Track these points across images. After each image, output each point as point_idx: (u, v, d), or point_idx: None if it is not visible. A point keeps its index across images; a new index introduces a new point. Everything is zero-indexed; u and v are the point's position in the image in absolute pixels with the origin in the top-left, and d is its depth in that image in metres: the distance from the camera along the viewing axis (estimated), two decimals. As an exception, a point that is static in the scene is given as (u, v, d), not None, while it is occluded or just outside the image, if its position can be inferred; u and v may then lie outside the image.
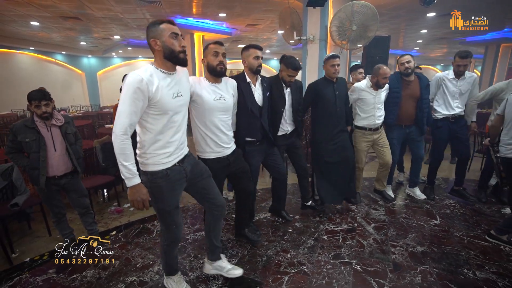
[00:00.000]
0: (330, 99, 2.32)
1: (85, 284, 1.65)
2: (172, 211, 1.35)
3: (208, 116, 1.59)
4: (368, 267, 1.78)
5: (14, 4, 4.92)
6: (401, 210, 2.61)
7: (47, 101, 1.77)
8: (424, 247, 1.99)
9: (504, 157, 1.98)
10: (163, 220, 1.38)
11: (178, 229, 1.41)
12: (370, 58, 4.16)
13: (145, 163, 1.28)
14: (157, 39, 1.22)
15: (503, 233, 1.99)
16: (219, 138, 1.64)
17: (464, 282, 1.64)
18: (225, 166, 1.71)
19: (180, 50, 1.24)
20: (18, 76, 8.96)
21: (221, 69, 1.58)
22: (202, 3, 5.23)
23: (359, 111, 2.57)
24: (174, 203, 1.35)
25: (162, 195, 1.30)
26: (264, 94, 1.92)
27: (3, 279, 1.70)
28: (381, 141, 2.59)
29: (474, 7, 4.79)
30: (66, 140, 1.88)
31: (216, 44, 1.58)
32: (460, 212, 2.54)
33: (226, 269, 1.63)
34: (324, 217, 2.45)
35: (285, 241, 2.09)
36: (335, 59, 2.26)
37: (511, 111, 1.94)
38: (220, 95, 1.61)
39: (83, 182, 2.62)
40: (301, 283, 1.64)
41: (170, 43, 1.22)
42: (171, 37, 1.22)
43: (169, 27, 1.22)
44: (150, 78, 1.19)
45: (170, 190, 1.32)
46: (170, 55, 1.23)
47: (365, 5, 3.51)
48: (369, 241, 2.09)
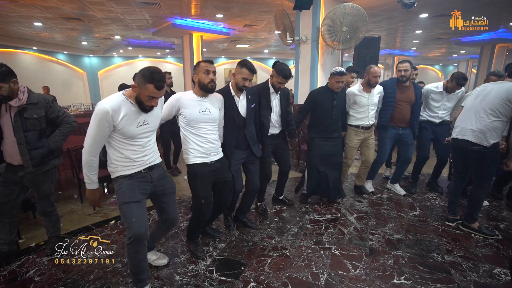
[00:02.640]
0: (328, 108, 2.46)
1: (86, 263, 1.80)
2: (132, 204, 1.37)
3: (195, 126, 1.69)
4: (346, 252, 1.93)
5: (18, 6, 5.10)
6: (384, 202, 2.76)
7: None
8: (400, 235, 2.14)
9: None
10: (123, 214, 1.40)
11: (138, 224, 1.36)
12: (360, 58, 4.31)
13: (112, 171, 1.43)
14: (138, 88, 1.32)
15: (472, 221, 2.13)
16: (206, 146, 1.72)
17: (432, 264, 1.79)
18: (212, 171, 1.77)
19: (149, 106, 1.36)
20: (21, 76, 9.03)
21: (212, 87, 1.68)
22: (200, 4, 5.39)
23: (353, 113, 2.71)
24: (133, 197, 1.39)
25: (123, 190, 1.40)
26: (249, 105, 1.96)
27: (12, 260, 1.86)
28: (369, 141, 2.76)
29: (468, 8, 4.90)
30: (24, 126, 1.59)
31: (207, 63, 1.68)
32: (440, 205, 2.68)
33: (152, 259, 1.75)
34: (310, 208, 2.61)
35: (271, 229, 2.24)
36: (342, 77, 2.37)
37: (469, 101, 2.10)
38: (205, 107, 1.71)
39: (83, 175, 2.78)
40: (282, 265, 1.79)
41: (144, 99, 1.33)
42: (148, 97, 1.33)
43: (153, 91, 1.30)
44: (116, 109, 1.31)
45: (131, 185, 1.41)
46: (139, 103, 1.35)
47: (354, 7, 3.66)
48: (349, 229, 2.24)
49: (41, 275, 1.70)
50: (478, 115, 1.96)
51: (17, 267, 1.79)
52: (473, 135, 1.97)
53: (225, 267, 1.76)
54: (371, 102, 2.62)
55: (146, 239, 1.41)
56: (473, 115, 1.99)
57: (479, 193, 2.09)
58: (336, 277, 1.68)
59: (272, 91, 2.21)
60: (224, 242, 2.05)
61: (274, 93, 2.22)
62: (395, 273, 1.71)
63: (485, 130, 1.91)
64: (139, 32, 7.83)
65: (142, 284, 1.48)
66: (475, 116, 1.98)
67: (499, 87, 1.93)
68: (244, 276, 1.68)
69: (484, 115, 1.93)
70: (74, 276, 1.68)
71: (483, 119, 1.93)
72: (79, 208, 2.76)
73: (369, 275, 1.69)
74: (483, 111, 1.94)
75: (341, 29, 3.73)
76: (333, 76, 2.40)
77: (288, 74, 2.10)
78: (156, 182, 1.51)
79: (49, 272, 1.73)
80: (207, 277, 1.67)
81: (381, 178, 3.36)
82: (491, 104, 1.90)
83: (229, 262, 1.82)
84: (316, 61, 4.20)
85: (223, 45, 10.46)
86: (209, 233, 2.11)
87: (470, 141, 1.99)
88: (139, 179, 1.44)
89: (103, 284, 1.62)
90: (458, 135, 2.07)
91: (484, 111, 1.93)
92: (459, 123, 2.10)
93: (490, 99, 1.92)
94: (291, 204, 2.65)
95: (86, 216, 2.58)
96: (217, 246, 2.00)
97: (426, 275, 1.68)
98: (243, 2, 5.10)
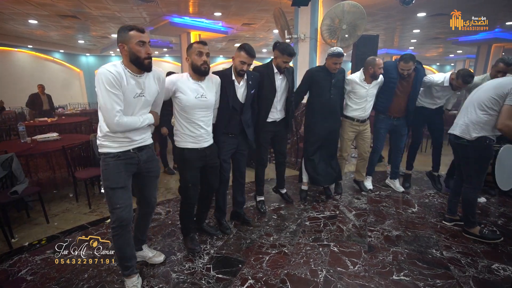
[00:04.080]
0: (326, 86, 2.41)
1: (80, 262, 1.77)
2: (117, 190, 1.36)
3: (189, 112, 1.65)
4: (345, 249, 1.92)
5: (12, 2, 5.02)
6: (382, 199, 2.75)
7: None
8: (399, 232, 2.13)
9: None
10: (108, 198, 1.39)
11: (123, 210, 1.37)
12: (359, 57, 4.30)
13: (102, 145, 1.37)
14: (125, 44, 1.31)
15: (471, 225, 2.04)
16: (198, 132, 1.69)
17: (431, 260, 1.78)
18: (202, 157, 1.75)
19: (145, 56, 1.32)
20: (16, 74, 9.05)
21: (205, 69, 1.63)
22: (198, 2, 5.35)
23: (350, 103, 2.66)
24: (119, 182, 1.37)
25: (108, 173, 1.36)
26: (249, 91, 1.94)
27: (3, 260, 1.82)
28: (364, 134, 2.73)
29: (465, 7, 4.92)
30: None
31: (199, 44, 1.61)
32: (438, 201, 2.68)
33: (148, 257, 1.73)
34: (308, 206, 2.59)
35: (269, 226, 2.22)
36: (339, 58, 2.33)
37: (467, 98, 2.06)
38: (202, 93, 1.66)
39: (79, 173, 2.75)
40: (280, 262, 1.77)
41: (136, 50, 1.30)
42: (138, 44, 1.30)
43: (137, 34, 1.30)
44: (119, 74, 1.29)
45: (116, 169, 1.37)
46: (136, 61, 1.32)
47: (354, 5, 3.65)
48: (348, 226, 2.22)
49: (34, 274, 1.66)
50: (467, 109, 1.96)
51: (9, 266, 1.74)
52: (459, 129, 1.97)
53: (223, 265, 1.74)
54: (370, 93, 2.59)
55: (130, 224, 1.44)
56: (464, 110, 1.99)
57: (468, 192, 1.99)
58: (335, 273, 1.66)
59: (276, 72, 2.17)
60: (222, 239, 2.02)
61: (278, 73, 2.18)
62: (394, 269, 1.69)
63: (469, 123, 1.91)
64: (136, 30, 7.76)
65: (128, 271, 1.47)
66: (465, 110, 1.97)
67: (492, 81, 1.92)
68: (242, 273, 1.66)
69: (472, 109, 1.91)
70: (67, 275, 1.65)
71: (471, 113, 1.92)
72: (75, 207, 2.72)
73: (368, 272, 1.67)
74: (472, 106, 1.93)
75: (340, 27, 3.73)
76: (331, 58, 2.35)
77: (292, 51, 2.08)
78: (142, 164, 1.47)
79: (41, 271, 1.69)
80: (204, 275, 1.65)
81: (379, 176, 3.35)
82: (479, 98, 1.89)
83: (226, 259, 1.79)
84: (314, 59, 4.20)
85: (221, 44, 10.42)
86: (206, 230, 2.08)
87: (455, 135, 1.99)
88: (126, 160, 1.40)
89: (98, 283, 1.58)
90: (450, 130, 2.07)
91: (473, 105, 1.92)
92: (455, 119, 2.09)
93: (480, 94, 1.91)
94: (291, 202, 2.63)
95: (81, 215, 2.54)
96: (214, 243, 1.97)
97: (425, 271, 1.67)
98: (241, 1, 5.08)
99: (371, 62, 2.50)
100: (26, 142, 3.10)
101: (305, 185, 2.74)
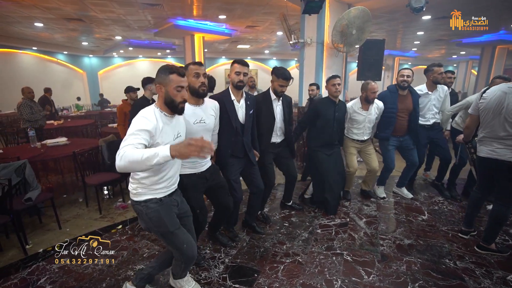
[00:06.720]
0: (329, 119, 2.47)
1: (97, 271, 1.79)
2: (176, 231, 1.35)
3: (188, 137, 1.57)
4: (358, 258, 1.93)
5: (19, 6, 5.04)
6: (392, 206, 2.76)
7: None
8: (411, 240, 2.14)
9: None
10: (171, 243, 1.37)
11: (190, 248, 1.39)
12: (365, 60, 4.30)
13: (139, 193, 1.32)
14: (163, 86, 1.29)
15: (492, 242, 1.98)
16: (195, 158, 1.55)
17: (445, 271, 1.78)
18: (203, 182, 1.69)
19: (181, 101, 1.31)
20: (21, 76, 9.08)
21: (203, 91, 1.58)
22: (202, 6, 5.36)
23: (350, 127, 2.73)
24: (175, 224, 1.36)
25: (161, 218, 1.32)
26: (247, 111, 1.92)
27: (20, 267, 1.84)
28: (367, 150, 2.76)
29: (470, 10, 4.91)
30: None
31: (196, 65, 1.57)
32: (448, 209, 2.69)
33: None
34: (319, 213, 2.60)
35: (281, 234, 2.23)
36: (336, 79, 2.41)
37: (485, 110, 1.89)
38: (200, 118, 1.61)
39: (90, 179, 2.77)
40: (295, 271, 1.78)
41: (173, 94, 1.29)
42: (175, 89, 1.28)
43: (177, 79, 1.28)
44: (157, 123, 1.25)
45: (167, 211, 1.35)
46: (170, 104, 1.30)
47: (362, 10, 3.67)
48: (360, 234, 2.23)
49: (53, 283, 1.68)
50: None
51: (28, 274, 1.76)
52: None
53: (238, 274, 1.75)
54: (368, 119, 2.63)
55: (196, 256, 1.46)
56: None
57: (503, 210, 1.85)
58: (350, 284, 1.67)
59: (274, 98, 2.18)
60: (235, 248, 2.04)
61: (276, 99, 2.19)
62: (408, 280, 1.70)
63: None
64: (140, 32, 7.78)
65: (185, 275, 1.55)
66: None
67: None
68: (258, 283, 1.67)
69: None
70: (86, 284, 1.67)
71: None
72: (85, 212, 2.74)
73: (383, 282, 1.69)
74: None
75: (350, 32, 3.74)
76: (329, 81, 2.46)
77: (288, 75, 2.10)
78: (180, 205, 1.46)
79: (60, 280, 1.71)
80: (221, 285, 1.66)
81: (387, 182, 3.34)
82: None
83: (241, 269, 1.81)
84: (321, 63, 4.20)
85: (224, 45, 10.42)
86: (219, 239, 2.08)
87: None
88: (168, 203, 1.37)
89: (116, 292, 1.60)
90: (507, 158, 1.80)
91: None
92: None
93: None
94: (300, 209, 2.64)
95: (92, 220, 2.56)
96: (228, 252, 1.99)
97: (440, 282, 1.68)
98: (246, 4, 5.08)
99: (363, 87, 2.57)
100: (36, 147, 3.12)
101: (307, 195, 2.82)
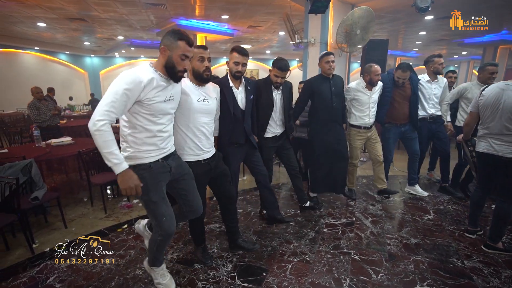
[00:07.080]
0: (327, 95, 2.42)
1: (106, 270, 1.79)
2: (159, 201, 1.34)
3: (191, 118, 1.55)
4: (365, 257, 1.93)
5: (22, 6, 5.05)
6: (397, 205, 2.76)
7: None
8: (417, 239, 2.14)
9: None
10: (152, 213, 1.36)
11: (169, 221, 1.37)
12: (369, 60, 4.29)
13: (129, 157, 1.29)
14: (168, 50, 1.26)
15: (498, 241, 1.97)
16: (200, 141, 1.59)
17: (452, 270, 1.78)
18: (207, 171, 1.66)
19: (180, 70, 1.30)
20: (23, 76, 9.10)
21: (207, 76, 1.56)
22: (205, 6, 5.36)
23: (354, 111, 2.68)
24: (160, 194, 1.34)
25: (147, 186, 1.30)
26: (248, 97, 1.90)
27: (27, 266, 1.84)
28: (373, 137, 2.74)
29: (472, 10, 4.91)
30: None
31: (200, 49, 1.52)
32: (453, 208, 2.69)
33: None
34: (324, 212, 2.60)
35: (288, 233, 2.23)
36: (329, 56, 2.37)
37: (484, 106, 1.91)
38: (204, 97, 1.59)
39: (95, 178, 2.77)
40: (303, 270, 1.78)
41: (176, 61, 1.28)
42: (180, 57, 1.27)
43: (185, 48, 1.27)
44: (150, 80, 1.23)
45: (154, 180, 1.32)
46: (170, 69, 1.29)
47: (366, 9, 3.68)
48: (366, 233, 2.23)
49: (62, 282, 1.68)
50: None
51: (36, 273, 1.77)
52: None
53: (247, 273, 1.75)
54: (372, 99, 2.61)
55: (174, 232, 1.45)
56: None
57: (505, 207, 1.87)
58: (359, 282, 1.67)
59: (273, 88, 2.18)
60: (243, 248, 2.03)
61: (275, 89, 2.19)
62: (417, 279, 1.70)
63: None
64: (142, 32, 7.78)
65: (159, 264, 1.54)
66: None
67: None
68: (267, 282, 1.67)
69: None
70: (95, 283, 1.67)
71: None
72: (90, 211, 2.74)
73: (391, 281, 1.69)
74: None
75: (355, 32, 3.75)
76: (322, 58, 2.39)
77: (283, 66, 2.08)
78: (174, 170, 1.43)
79: (69, 278, 1.71)
80: (229, 284, 1.66)
81: (390, 180, 3.35)
82: None
83: (250, 268, 1.81)
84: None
85: (226, 45, 10.42)
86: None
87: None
88: (158, 169, 1.35)
89: (125, 291, 1.60)
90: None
91: None
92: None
93: None
94: (321, 206, 2.62)
95: (97, 220, 2.56)
96: (236, 251, 1.99)
97: (449, 281, 1.68)
98: (249, 4, 5.09)
99: (367, 69, 2.55)
100: (41, 147, 3.12)
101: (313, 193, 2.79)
